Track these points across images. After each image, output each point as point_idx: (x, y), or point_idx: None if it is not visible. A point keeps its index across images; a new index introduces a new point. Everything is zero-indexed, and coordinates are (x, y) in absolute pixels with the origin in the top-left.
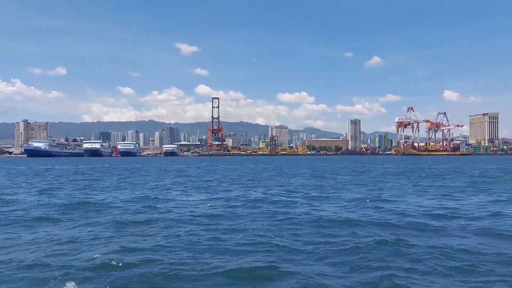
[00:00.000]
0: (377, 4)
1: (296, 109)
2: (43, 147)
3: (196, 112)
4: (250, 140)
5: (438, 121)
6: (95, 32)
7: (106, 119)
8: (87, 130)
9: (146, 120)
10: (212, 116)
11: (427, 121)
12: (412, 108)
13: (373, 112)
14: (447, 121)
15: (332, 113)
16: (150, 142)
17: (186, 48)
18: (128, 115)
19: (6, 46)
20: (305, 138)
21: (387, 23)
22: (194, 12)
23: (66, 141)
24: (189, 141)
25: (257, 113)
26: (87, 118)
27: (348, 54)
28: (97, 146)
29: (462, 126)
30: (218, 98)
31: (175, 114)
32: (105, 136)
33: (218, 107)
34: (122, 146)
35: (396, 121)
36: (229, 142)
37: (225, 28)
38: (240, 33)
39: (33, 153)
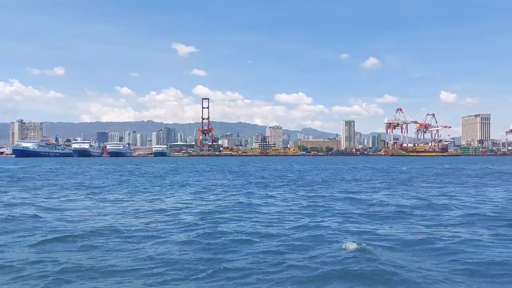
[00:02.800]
0: (371, 6)
1: (294, 110)
2: (31, 147)
3: (195, 112)
4: (247, 141)
5: (427, 122)
6: (92, 33)
7: (105, 119)
8: (86, 130)
9: (145, 120)
10: (202, 117)
11: (415, 122)
12: (401, 109)
13: (371, 113)
14: (436, 122)
15: (330, 113)
16: (147, 142)
17: (182, 49)
18: (127, 115)
19: (4, 46)
20: (302, 139)
21: (382, 25)
22: (189, 13)
23: (56, 141)
24: (186, 142)
25: (255, 114)
26: (86, 118)
27: (344, 55)
28: (86, 146)
29: (450, 127)
30: (208, 99)
31: (174, 114)
32: (102, 136)
33: (208, 107)
34: (111, 146)
35: (385, 122)
36: (224, 142)
37: (221, 29)
38: (237, 34)
39: (21, 153)
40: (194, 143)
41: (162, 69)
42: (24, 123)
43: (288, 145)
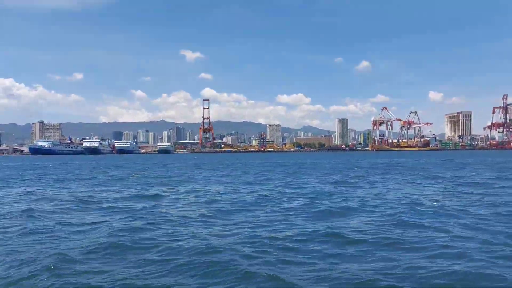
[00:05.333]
0: (362, 15)
1: (294, 110)
2: (46, 146)
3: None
4: (250, 138)
5: (410, 119)
6: (108, 41)
7: (121, 120)
8: (104, 130)
9: (158, 120)
10: (203, 117)
11: (399, 119)
12: (386, 108)
13: (365, 112)
14: (419, 119)
15: (327, 112)
16: (159, 140)
17: (190, 55)
18: (141, 116)
19: (29, 55)
20: (302, 136)
21: (373, 33)
22: (196, 23)
23: (70, 140)
24: (194, 139)
25: (258, 114)
26: (104, 119)
27: (338, 59)
28: (96, 144)
29: (431, 124)
30: (208, 101)
31: (184, 115)
32: (118, 135)
33: (208, 108)
34: (119, 144)
35: (372, 120)
36: (228, 140)
37: (226, 37)
38: (240, 41)
39: (37, 151)
40: (199, 141)
41: (172, 74)
42: (44, 124)
43: (285, 142)
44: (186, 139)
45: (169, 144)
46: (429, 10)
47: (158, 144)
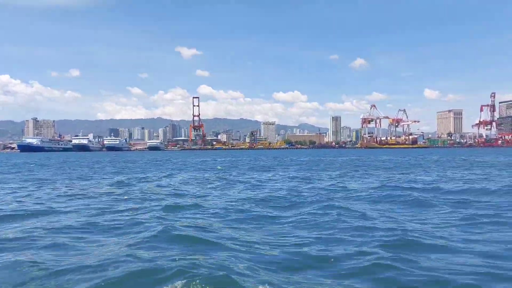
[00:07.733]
0: (358, 12)
1: (291, 107)
2: (35, 142)
3: (200, 110)
4: (245, 136)
5: (398, 117)
6: (104, 37)
7: (118, 116)
8: (101, 126)
9: (155, 117)
10: (193, 114)
11: (386, 117)
12: (374, 106)
13: (361, 109)
14: (407, 117)
15: (324, 110)
16: (155, 137)
17: (186, 51)
18: (139, 113)
19: (25, 51)
20: (298, 133)
21: (369, 29)
22: (193, 19)
23: (60, 137)
24: (189, 137)
25: (255, 111)
26: (101, 116)
27: (333, 56)
28: (85, 141)
29: (418, 121)
30: (198, 98)
31: (182, 112)
32: (114, 132)
33: (198, 105)
34: (108, 141)
35: (361, 117)
36: (223, 137)
37: (222, 34)
38: (237, 38)
39: (26, 148)
40: (193, 138)
41: (168, 70)
42: (38, 121)
43: (276, 139)
44: (182, 136)
45: (159, 141)
46: (427, 6)
47: (148, 141)
